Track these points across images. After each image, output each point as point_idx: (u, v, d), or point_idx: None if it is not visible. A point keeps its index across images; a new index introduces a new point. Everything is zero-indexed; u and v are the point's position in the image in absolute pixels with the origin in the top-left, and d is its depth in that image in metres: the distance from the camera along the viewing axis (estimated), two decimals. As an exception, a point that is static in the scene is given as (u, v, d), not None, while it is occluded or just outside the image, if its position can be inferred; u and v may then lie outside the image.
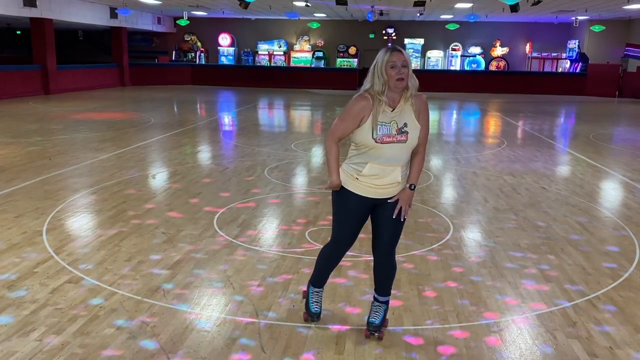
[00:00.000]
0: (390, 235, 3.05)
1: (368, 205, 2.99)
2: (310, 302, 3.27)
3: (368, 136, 2.83)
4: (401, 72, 2.80)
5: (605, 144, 10.99)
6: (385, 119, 2.84)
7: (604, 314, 3.52)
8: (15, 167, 7.38)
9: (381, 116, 2.84)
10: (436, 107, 18.47)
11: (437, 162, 8.73)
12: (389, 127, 2.84)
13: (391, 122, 2.84)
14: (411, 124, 2.88)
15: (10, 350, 2.93)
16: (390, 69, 2.80)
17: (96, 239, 4.72)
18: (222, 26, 26.84)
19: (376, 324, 3.12)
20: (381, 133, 2.82)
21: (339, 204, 3.03)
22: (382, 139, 2.83)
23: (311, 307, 3.26)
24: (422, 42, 26.61)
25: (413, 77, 2.88)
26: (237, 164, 8.10)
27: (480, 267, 4.29)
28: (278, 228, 5.20)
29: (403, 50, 2.86)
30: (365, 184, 2.92)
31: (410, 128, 2.87)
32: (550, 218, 5.64)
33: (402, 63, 2.80)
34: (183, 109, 16.37)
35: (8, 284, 3.76)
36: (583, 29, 23.98)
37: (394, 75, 2.79)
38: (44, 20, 18.26)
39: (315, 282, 3.29)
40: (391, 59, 2.80)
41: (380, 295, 3.18)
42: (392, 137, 2.83)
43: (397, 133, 2.84)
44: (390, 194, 2.95)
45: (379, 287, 3.19)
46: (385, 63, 2.80)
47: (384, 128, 2.83)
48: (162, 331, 3.17)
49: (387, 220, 2.99)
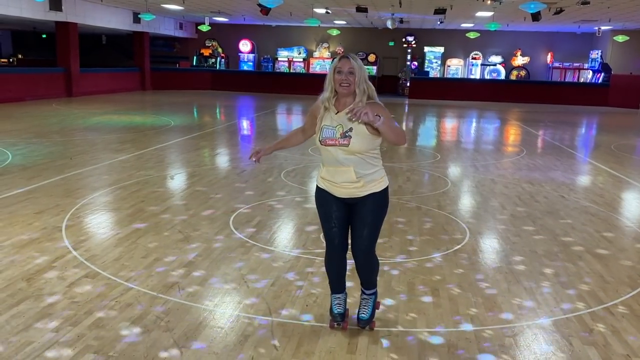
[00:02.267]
0: (363, 235, 3.07)
1: (340, 204, 3.06)
2: (333, 305, 3.27)
3: (316, 138, 3.02)
4: (346, 79, 2.89)
5: (627, 154, 10.83)
6: (331, 123, 2.96)
7: (621, 322, 3.46)
8: (37, 166, 7.52)
9: (327, 120, 2.98)
10: (455, 115, 18.38)
11: (455, 169, 8.68)
12: (333, 130, 2.94)
13: (337, 126, 2.94)
14: (357, 130, 2.90)
15: (27, 340, 2.98)
16: (336, 75, 2.92)
17: (114, 236, 4.78)
18: (243, 32, 27.08)
19: (365, 319, 3.20)
20: (325, 136, 2.96)
21: (317, 205, 3.16)
22: (325, 141, 2.96)
23: (333, 309, 3.25)
24: (442, 50, 26.55)
25: (366, 84, 2.93)
26: (254, 166, 8.15)
27: (496, 273, 4.25)
28: (293, 229, 5.21)
29: (353, 58, 2.94)
30: (326, 182, 3.05)
31: (355, 133, 2.90)
32: (569, 226, 5.57)
33: (348, 70, 2.90)
34: (202, 113, 16.52)
35: (27, 276, 3.82)
36: (606, 39, 23.72)
37: (339, 80, 2.90)
38: (68, 24, 18.62)
39: (332, 289, 3.29)
40: (338, 65, 2.92)
41: (366, 289, 3.26)
42: (335, 140, 2.94)
43: (341, 137, 2.92)
44: (351, 194, 3.01)
45: (363, 282, 3.26)
46: (333, 69, 2.94)
47: (328, 131, 2.95)
48: (176, 326, 3.20)
49: (359, 219, 3.05)
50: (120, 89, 22.52)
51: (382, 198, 3.06)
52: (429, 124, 16.30)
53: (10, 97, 16.52)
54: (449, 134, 14.11)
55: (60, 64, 19.13)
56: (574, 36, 25.13)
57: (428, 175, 8.00)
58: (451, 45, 26.45)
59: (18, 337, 3.01)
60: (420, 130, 15.06)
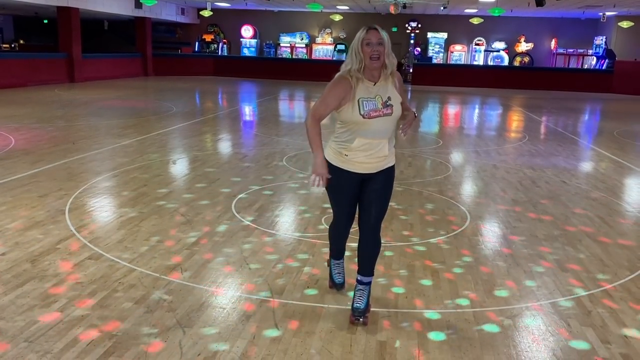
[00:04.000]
0: (378, 210, 3.08)
1: (357, 181, 3.05)
2: (333, 273, 3.43)
3: (355, 113, 2.88)
4: (376, 50, 2.84)
5: (630, 140, 10.80)
6: (369, 95, 2.91)
7: (619, 304, 3.49)
8: (40, 150, 7.54)
9: (364, 92, 2.90)
10: (458, 102, 18.34)
11: (457, 154, 8.68)
12: (374, 102, 2.90)
13: (375, 97, 2.91)
14: (394, 97, 2.96)
15: (32, 319, 3.02)
16: (365, 47, 2.85)
17: (117, 219, 4.81)
18: (245, 18, 26.94)
19: (361, 309, 3.09)
20: (368, 108, 2.88)
21: (336, 185, 3.04)
22: (369, 114, 2.88)
23: (335, 278, 3.43)
24: (446, 36, 26.39)
25: (392, 55, 2.93)
26: (256, 152, 8.17)
27: (496, 256, 4.28)
28: (295, 213, 5.24)
29: (380, 28, 2.89)
30: (354, 160, 2.96)
31: (394, 101, 2.95)
32: (570, 211, 5.59)
33: (378, 41, 2.85)
34: (205, 99, 16.51)
35: (31, 258, 3.86)
36: (611, 25, 23.54)
37: (369, 53, 2.84)
38: (70, 9, 18.54)
39: (333, 255, 3.43)
40: (367, 37, 2.85)
41: (364, 276, 3.13)
42: (379, 111, 2.90)
43: (383, 107, 2.91)
44: (377, 169, 3.02)
45: (362, 266, 3.14)
46: (360, 41, 2.86)
47: (369, 103, 2.89)
48: (179, 306, 3.24)
49: (375, 194, 3.04)
50: (122, 74, 22.47)
51: (394, 171, 3.14)
52: (431, 110, 16.27)
53: (12, 83, 16.51)
54: (452, 120, 14.09)
55: (62, 49, 19.08)
56: (578, 22, 24.93)
57: (430, 161, 8.01)
58: (454, 31, 26.28)
59: (23, 316, 3.05)
60: (423, 116, 15.02)
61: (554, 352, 2.92)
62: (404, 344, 2.94)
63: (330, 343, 2.91)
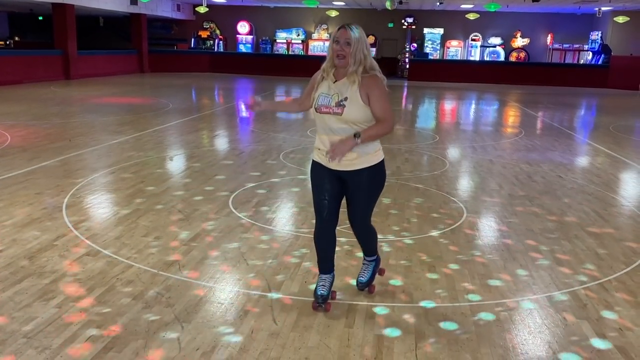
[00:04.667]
0: (360, 208, 3.15)
1: (333, 176, 3.07)
2: (318, 285, 3.23)
3: (312, 106, 3.04)
4: (342, 49, 2.87)
5: (625, 135, 10.85)
6: (327, 91, 2.97)
7: (615, 297, 3.52)
8: (36, 147, 7.53)
9: (323, 87, 2.99)
10: (454, 97, 18.36)
11: (454, 150, 8.70)
12: (329, 98, 2.96)
13: (333, 95, 2.95)
14: (353, 100, 2.91)
15: (31, 315, 3.03)
16: (334, 44, 2.91)
17: (114, 216, 4.82)
18: (241, 14, 26.89)
19: (363, 282, 3.38)
20: (320, 103, 2.97)
21: (310, 177, 3.18)
22: (320, 108, 2.97)
23: (317, 290, 3.20)
24: (442, 31, 26.40)
25: (365, 55, 2.89)
26: (253, 148, 8.17)
27: (492, 250, 4.30)
28: (292, 209, 5.25)
29: (351, 28, 2.88)
30: (320, 152, 3.06)
31: (349, 103, 2.91)
32: (566, 205, 5.61)
33: (345, 40, 2.87)
34: (201, 96, 16.48)
35: (29, 254, 3.87)
36: (606, 20, 23.59)
37: (336, 51, 2.89)
38: (65, 5, 18.47)
39: (319, 268, 3.26)
40: (336, 35, 2.91)
41: (367, 255, 3.41)
42: (329, 107, 2.95)
43: (335, 105, 2.93)
44: (344, 167, 3.00)
45: (364, 250, 3.41)
46: (332, 38, 2.94)
47: (325, 99, 2.97)
48: (177, 302, 3.25)
49: (353, 194, 3.10)
50: (118, 71, 22.42)
51: (377, 172, 3.06)
52: (428, 106, 16.29)
53: (7, 80, 16.46)
54: (448, 116, 14.11)
55: (58, 46, 19.02)
56: (574, 17, 24.97)
57: (427, 157, 8.03)
58: (451, 27, 26.30)
59: (21, 312, 3.06)
60: (419, 112, 15.06)
61: (550, 345, 2.94)
62: (402, 337, 2.96)
63: (328, 337, 2.92)
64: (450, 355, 2.81)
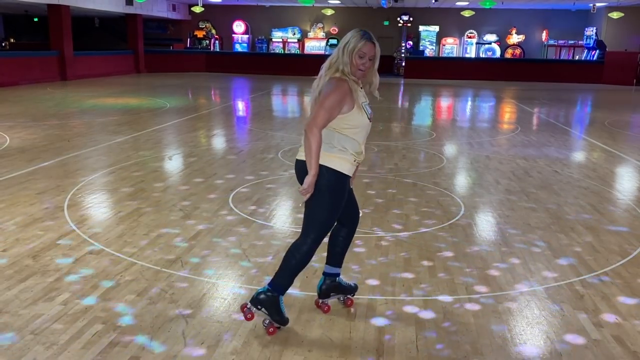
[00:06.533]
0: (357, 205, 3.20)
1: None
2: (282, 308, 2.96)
3: (364, 117, 2.83)
4: (365, 65, 2.81)
5: (620, 130, 10.93)
6: (365, 99, 2.93)
7: (611, 289, 3.58)
8: (35, 148, 7.56)
9: (362, 97, 2.88)
10: (450, 94, 18.42)
11: (450, 146, 8.77)
12: (369, 105, 2.93)
13: (368, 101, 2.95)
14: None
15: (37, 312, 3.07)
16: (358, 58, 2.78)
17: (115, 215, 4.86)
18: (237, 13, 26.90)
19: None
20: (370, 111, 2.90)
21: (335, 192, 2.85)
22: (371, 116, 2.91)
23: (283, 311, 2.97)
24: (437, 29, 26.46)
25: (376, 74, 2.91)
26: (251, 146, 8.22)
27: (489, 244, 4.36)
28: (291, 206, 5.30)
29: (376, 41, 2.83)
30: (354, 163, 2.90)
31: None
32: (562, 199, 5.68)
33: (370, 56, 2.80)
34: (198, 95, 16.51)
35: (33, 253, 3.91)
36: (601, 16, 23.68)
37: (358, 65, 2.79)
38: (61, 6, 18.45)
39: (284, 290, 2.97)
40: (363, 50, 2.77)
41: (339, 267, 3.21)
42: (371, 114, 2.92)
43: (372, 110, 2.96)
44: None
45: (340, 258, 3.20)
46: (356, 50, 2.77)
47: (368, 107, 2.90)
48: (180, 298, 3.30)
49: (351, 193, 3.12)
50: (114, 71, 22.41)
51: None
52: (424, 103, 16.36)
53: (3, 81, 16.44)
54: (445, 113, 14.17)
55: (54, 47, 19.00)
56: (568, 13, 25.06)
57: (424, 153, 8.09)
58: (446, 24, 26.36)
59: (27, 310, 3.10)
60: (416, 109, 15.12)
61: (548, 336, 3.00)
62: (402, 329, 3.01)
63: (330, 330, 2.98)
64: (450, 346, 2.87)
